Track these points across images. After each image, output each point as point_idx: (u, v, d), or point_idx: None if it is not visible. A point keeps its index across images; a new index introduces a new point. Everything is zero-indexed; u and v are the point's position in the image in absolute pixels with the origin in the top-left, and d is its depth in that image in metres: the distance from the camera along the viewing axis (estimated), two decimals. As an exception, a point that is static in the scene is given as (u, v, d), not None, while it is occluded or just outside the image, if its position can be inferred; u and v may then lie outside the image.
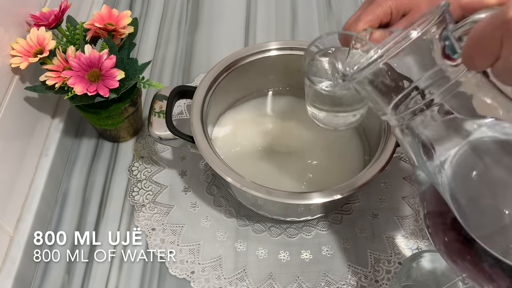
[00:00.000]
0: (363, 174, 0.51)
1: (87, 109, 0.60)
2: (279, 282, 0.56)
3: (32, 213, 0.57)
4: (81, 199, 0.63)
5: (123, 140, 0.68)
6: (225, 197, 0.62)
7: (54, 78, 0.54)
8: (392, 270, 0.56)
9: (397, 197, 0.62)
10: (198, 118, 0.55)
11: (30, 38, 0.55)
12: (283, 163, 0.61)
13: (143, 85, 0.57)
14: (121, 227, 0.60)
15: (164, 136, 0.56)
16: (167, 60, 0.77)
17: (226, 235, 0.59)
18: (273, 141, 0.63)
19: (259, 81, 0.65)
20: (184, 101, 0.70)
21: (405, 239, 0.59)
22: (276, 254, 0.58)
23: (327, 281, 0.56)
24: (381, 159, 0.52)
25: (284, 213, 0.57)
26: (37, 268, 0.57)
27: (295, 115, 0.65)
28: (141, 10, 0.84)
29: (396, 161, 0.65)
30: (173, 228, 0.60)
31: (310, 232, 0.59)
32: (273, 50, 0.61)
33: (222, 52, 0.74)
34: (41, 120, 0.62)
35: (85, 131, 0.69)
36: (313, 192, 0.50)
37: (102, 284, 0.56)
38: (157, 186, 0.63)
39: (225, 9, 0.85)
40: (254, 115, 0.65)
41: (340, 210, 0.61)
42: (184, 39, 0.80)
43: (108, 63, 0.54)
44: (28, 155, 0.59)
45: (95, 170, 0.65)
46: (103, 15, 0.58)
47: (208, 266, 0.57)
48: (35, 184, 0.59)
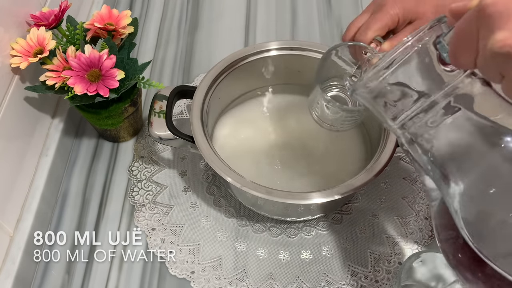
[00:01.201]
0: (363, 174, 0.51)
1: (87, 109, 0.60)
2: (279, 282, 0.56)
3: (32, 213, 0.57)
4: (81, 199, 0.63)
5: (123, 140, 0.68)
6: (225, 197, 0.62)
7: (54, 78, 0.54)
8: (392, 270, 0.56)
9: (397, 197, 0.62)
10: (198, 118, 0.55)
11: (30, 38, 0.55)
12: (283, 162, 0.61)
13: (143, 85, 0.57)
14: (121, 227, 0.60)
15: (164, 136, 0.56)
16: (167, 60, 0.77)
17: (226, 235, 0.59)
18: (273, 141, 0.63)
19: (259, 81, 0.65)
20: (184, 101, 0.70)
21: (405, 239, 0.59)
22: (276, 254, 0.58)
23: (327, 281, 0.56)
24: (381, 159, 0.52)
25: (284, 213, 0.57)
26: (37, 268, 0.57)
27: (295, 114, 0.65)
28: (141, 10, 0.84)
29: (396, 161, 0.65)
30: (173, 228, 0.60)
31: (310, 232, 0.59)
32: (273, 50, 0.61)
33: (222, 52, 0.74)
34: (41, 120, 0.62)
35: (85, 131, 0.69)
36: (313, 192, 0.50)
37: (102, 284, 0.56)
38: (157, 186, 0.63)
39: (225, 9, 0.85)
40: (254, 115, 0.65)
41: (340, 210, 0.61)
42: (184, 39, 0.80)
43: (108, 63, 0.54)
44: (28, 155, 0.59)
45: (95, 170, 0.65)
46: (103, 15, 0.58)
47: (208, 266, 0.57)
48: (35, 184, 0.59)
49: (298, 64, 0.63)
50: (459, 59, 0.31)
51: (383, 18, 0.47)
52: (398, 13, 0.47)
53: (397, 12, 0.47)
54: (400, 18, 0.47)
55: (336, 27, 0.82)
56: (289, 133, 0.64)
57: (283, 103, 0.66)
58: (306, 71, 0.64)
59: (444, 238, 0.35)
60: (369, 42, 0.47)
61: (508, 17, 0.26)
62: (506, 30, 0.26)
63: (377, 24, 0.47)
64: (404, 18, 0.47)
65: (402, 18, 0.47)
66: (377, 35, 0.47)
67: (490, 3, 0.27)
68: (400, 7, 0.47)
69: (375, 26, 0.47)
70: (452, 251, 0.35)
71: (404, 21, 0.48)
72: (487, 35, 0.27)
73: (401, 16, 0.47)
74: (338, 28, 0.82)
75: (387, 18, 0.47)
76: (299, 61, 0.62)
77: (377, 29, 0.47)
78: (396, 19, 0.47)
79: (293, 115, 0.65)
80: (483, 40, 0.28)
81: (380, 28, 0.47)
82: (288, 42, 0.62)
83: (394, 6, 0.47)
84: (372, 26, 0.47)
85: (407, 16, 0.47)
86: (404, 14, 0.47)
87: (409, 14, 0.47)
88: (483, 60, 0.28)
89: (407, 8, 0.47)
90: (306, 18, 0.83)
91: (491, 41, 0.26)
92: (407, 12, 0.47)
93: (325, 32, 0.81)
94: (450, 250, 0.35)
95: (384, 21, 0.47)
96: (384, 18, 0.47)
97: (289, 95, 0.67)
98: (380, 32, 0.47)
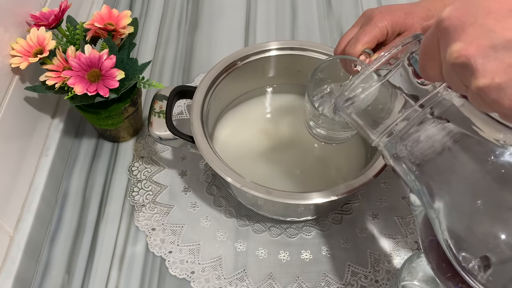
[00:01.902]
0: (363, 174, 0.51)
1: (87, 109, 0.60)
2: (279, 282, 0.56)
3: (32, 213, 0.57)
4: (81, 199, 0.63)
5: (123, 140, 0.68)
6: (225, 197, 0.62)
7: (54, 78, 0.54)
8: (392, 270, 0.56)
9: (397, 197, 0.62)
10: (198, 118, 0.55)
11: (30, 38, 0.55)
12: (283, 162, 0.61)
13: (143, 85, 0.57)
14: (121, 227, 0.60)
15: (164, 136, 0.56)
16: (167, 60, 0.77)
17: (226, 235, 0.59)
18: (273, 141, 0.63)
19: (259, 81, 0.65)
20: (184, 101, 0.70)
21: (405, 239, 0.59)
22: (276, 254, 0.58)
23: (327, 281, 0.56)
24: (381, 159, 0.52)
25: (284, 213, 0.57)
26: (37, 268, 0.57)
27: (295, 114, 0.65)
28: (141, 10, 0.84)
29: (396, 161, 0.65)
30: (173, 228, 0.60)
31: (310, 232, 0.59)
32: (273, 50, 0.61)
33: (222, 52, 0.74)
34: (41, 120, 0.62)
35: (85, 131, 0.69)
36: (313, 192, 0.50)
37: (102, 284, 0.56)
38: (157, 186, 0.63)
39: (225, 9, 0.85)
40: (254, 115, 0.65)
41: (340, 210, 0.61)
42: (184, 39, 0.80)
43: (108, 63, 0.54)
44: (28, 155, 0.59)
45: (95, 170, 0.65)
46: (103, 15, 0.58)
47: (208, 266, 0.57)
48: (35, 184, 0.59)
49: (298, 64, 0.63)
50: (427, 72, 0.32)
51: (372, 31, 0.47)
52: (386, 25, 0.47)
53: (385, 24, 0.47)
54: (389, 30, 0.48)
55: (336, 27, 0.82)
56: (289, 133, 0.64)
57: (283, 103, 0.67)
58: (306, 71, 0.64)
59: (428, 247, 0.36)
60: (358, 55, 0.48)
61: (462, 29, 0.27)
62: (461, 42, 0.27)
63: (366, 37, 0.47)
64: (393, 30, 0.48)
65: (391, 30, 0.48)
66: (367, 47, 0.48)
67: (445, 17, 0.28)
68: (388, 19, 0.47)
69: (364, 39, 0.47)
70: (436, 260, 0.35)
71: (393, 33, 0.48)
72: (445, 47, 0.28)
73: (389, 28, 0.48)
74: (338, 28, 0.82)
75: (376, 31, 0.47)
76: (299, 61, 0.62)
77: (366, 42, 0.47)
78: (385, 31, 0.48)
79: (293, 115, 0.65)
80: (443, 52, 0.29)
81: (369, 41, 0.47)
82: (288, 42, 0.62)
83: (382, 18, 0.47)
84: (361, 39, 0.47)
85: (396, 28, 0.48)
86: (392, 26, 0.48)
87: (398, 26, 0.48)
88: (446, 72, 0.30)
89: (396, 21, 0.48)
90: (306, 18, 0.83)
91: (448, 52, 0.28)
92: (395, 24, 0.48)
93: (325, 32, 0.81)
94: (433, 260, 0.35)
95: (373, 33, 0.47)
96: (373, 31, 0.47)
97: (289, 95, 0.67)
98: (369, 44, 0.48)
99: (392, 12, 0.48)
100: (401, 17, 0.48)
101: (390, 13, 0.47)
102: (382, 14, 0.47)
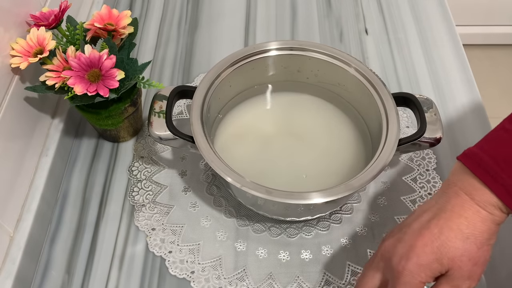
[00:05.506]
0: (363, 174, 0.51)
1: (87, 109, 0.60)
2: (279, 282, 0.56)
3: (32, 213, 0.57)
4: (81, 199, 0.63)
5: (123, 140, 0.68)
6: (225, 197, 0.62)
7: (54, 78, 0.54)
8: (392, 270, 0.56)
9: (397, 197, 0.62)
10: (198, 118, 0.55)
11: (30, 38, 0.55)
12: (283, 162, 0.61)
13: (143, 85, 0.57)
14: (121, 227, 0.60)
15: (164, 136, 0.56)
16: (167, 60, 0.77)
17: (226, 235, 0.59)
18: (273, 141, 0.63)
19: (259, 80, 0.65)
20: (184, 101, 0.70)
21: (405, 239, 0.59)
22: (276, 254, 0.58)
23: (327, 281, 0.56)
24: (381, 159, 0.52)
25: (284, 213, 0.57)
26: (37, 268, 0.57)
27: (295, 114, 0.65)
28: (141, 10, 0.84)
29: (396, 161, 0.65)
30: (173, 228, 0.60)
31: (310, 232, 0.59)
32: (273, 50, 0.61)
33: (222, 52, 0.74)
34: (41, 120, 0.62)
35: (85, 131, 0.69)
36: (313, 192, 0.50)
37: (102, 284, 0.56)
38: (157, 186, 0.63)
39: (225, 9, 0.85)
40: (254, 115, 0.65)
41: (340, 210, 0.61)
42: (184, 39, 0.80)
43: (108, 63, 0.54)
44: (28, 155, 0.59)
45: (95, 170, 0.65)
46: (103, 15, 0.58)
47: (208, 266, 0.57)
48: (35, 184, 0.59)
49: (298, 64, 0.63)
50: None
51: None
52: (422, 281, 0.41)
53: (421, 280, 0.41)
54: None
55: (336, 27, 0.82)
56: (289, 133, 0.64)
57: (283, 102, 0.66)
58: (306, 71, 0.64)
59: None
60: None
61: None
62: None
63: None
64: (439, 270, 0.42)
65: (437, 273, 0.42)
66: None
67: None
68: (423, 276, 0.41)
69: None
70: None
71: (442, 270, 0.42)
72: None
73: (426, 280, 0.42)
74: (338, 28, 0.82)
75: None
76: (299, 61, 0.62)
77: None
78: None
79: (293, 115, 0.65)
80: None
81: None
82: (288, 42, 0.62)
83: (414, 275, 0.41)
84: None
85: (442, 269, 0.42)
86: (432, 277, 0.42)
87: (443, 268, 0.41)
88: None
89: (434, 273, 0.42)
90: (306, 18, 0.83)
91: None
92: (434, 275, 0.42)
93: (325, 32, 0.81)
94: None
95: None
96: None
97: (289, 94, 0.67)
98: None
99: (423, 260, 0.41)
100: (437, 269, 0.41)
101: (424, 266, 0.41)
102: (413, 270, 0.41)
